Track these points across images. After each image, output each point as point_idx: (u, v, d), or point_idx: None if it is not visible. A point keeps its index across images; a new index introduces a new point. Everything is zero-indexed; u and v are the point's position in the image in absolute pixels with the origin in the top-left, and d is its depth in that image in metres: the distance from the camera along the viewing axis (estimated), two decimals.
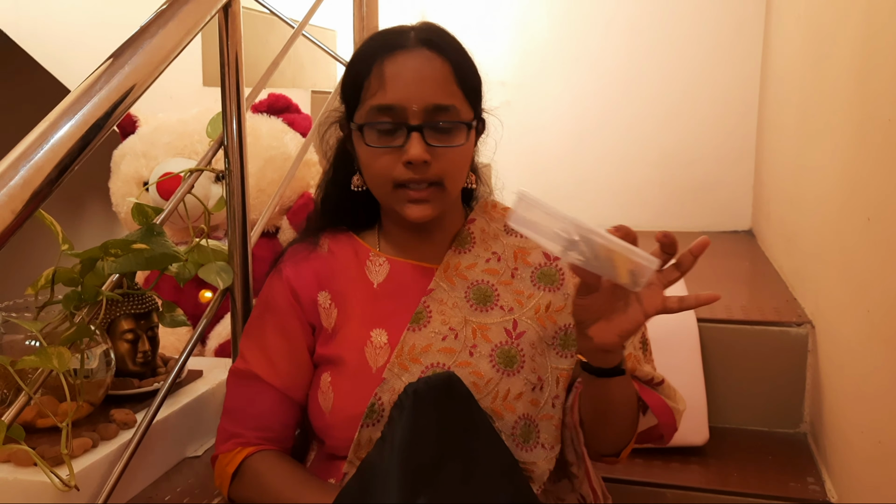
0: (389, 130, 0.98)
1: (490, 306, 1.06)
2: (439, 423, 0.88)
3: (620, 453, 1.07)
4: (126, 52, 0.95)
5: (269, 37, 2.45)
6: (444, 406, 0.89)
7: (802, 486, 1.42)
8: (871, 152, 1.27)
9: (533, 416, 1.01)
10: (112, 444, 1.06)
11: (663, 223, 3.12)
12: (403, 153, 0.97)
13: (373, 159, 1.00)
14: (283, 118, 2.05)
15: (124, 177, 1.98)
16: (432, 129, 0.98)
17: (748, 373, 1.67)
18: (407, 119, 0.97)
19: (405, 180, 0.99)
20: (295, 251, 1.12)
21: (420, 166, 0.97)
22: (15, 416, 0.95)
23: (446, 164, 1.00)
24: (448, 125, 0.99)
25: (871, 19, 1.33)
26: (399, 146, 0.98)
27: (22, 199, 0.80)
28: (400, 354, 1.02)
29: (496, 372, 1.01)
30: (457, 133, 1.00)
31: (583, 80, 3.21)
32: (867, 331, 1.25)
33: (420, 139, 0.97)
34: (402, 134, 0.98)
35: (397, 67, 0.98)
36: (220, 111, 1.22)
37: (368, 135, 0.99)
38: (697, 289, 1.88)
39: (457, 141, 1.00)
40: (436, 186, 1.00)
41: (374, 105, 0.98)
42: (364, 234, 1.13)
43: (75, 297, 1.05)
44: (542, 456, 1.01)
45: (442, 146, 0.99)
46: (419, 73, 0.98)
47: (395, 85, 0.97)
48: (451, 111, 0.99)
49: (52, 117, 0.87)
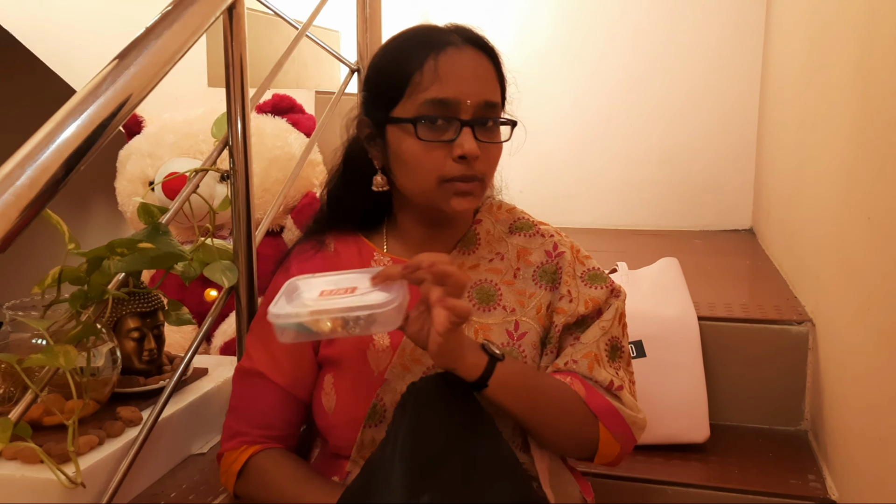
0: (440, 125, 0.99)
1: (492, 306, 1.06)
2: (442, 420, 0.88)
3: (594, 458, 1.04)
4: (131, 53, 0.96)
5: (274, 38, 2.46)
6: (446, 404, 0.90)
7: (803, 484, 1.43)
8: (871, 151, 1.28)
9: None
10: (118, 441, 1.07)
11: (665, 222, 3.13)
12: (455, 148, 0.98)
13: (423, 153, 1.00)
14: (287, 118, 2.06)
15: (130, 176, 1.99)
16: (481, 126, 1.00)
17: (749, 371, 1.68)
18: (459, 114, 0.99)
19: (455, 176, 0.99)
20: (301, 250, 1.13)
21: (472, 161, 0.99)
22: (22, 413, 0.96)
23: (490, 160, 1.03)
24: (495, 122, 1.02)
25: (871, 19, 1.33)
26: (450, 140, 0.99)
27: (29, 199, 0.81)
28: (402, 355, 1.03)
29: None
30: (499, 131, 1.03)
31: (585, 82, 3.22)
32: (868, 328, 1.26)
33: (472, 134, 0.99)
34: (454, 129, 0.99)
35: (451, 62, 0.99)
36: (224, 111, 1.23)
37: (422, 129, 0.99)
38: (700, 286, 1.90)
39: (499, 138, 1.03)
40: (479, 181, 1.02)
41: (429, 98, 0.98)
42: (370, 234, 1.14)
43: (81, 295, 1.06)
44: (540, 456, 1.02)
45: (488, 142, 1.01)
46: (473, 70, 1.00)
47: (451, 79, 0.98)
48: (497, 108, 1.03)
49: (59, 117, 0.87)
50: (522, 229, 1.14)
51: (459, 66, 0.99)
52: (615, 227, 3.20)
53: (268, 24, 2.39)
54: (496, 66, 1.04)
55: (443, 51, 0.99)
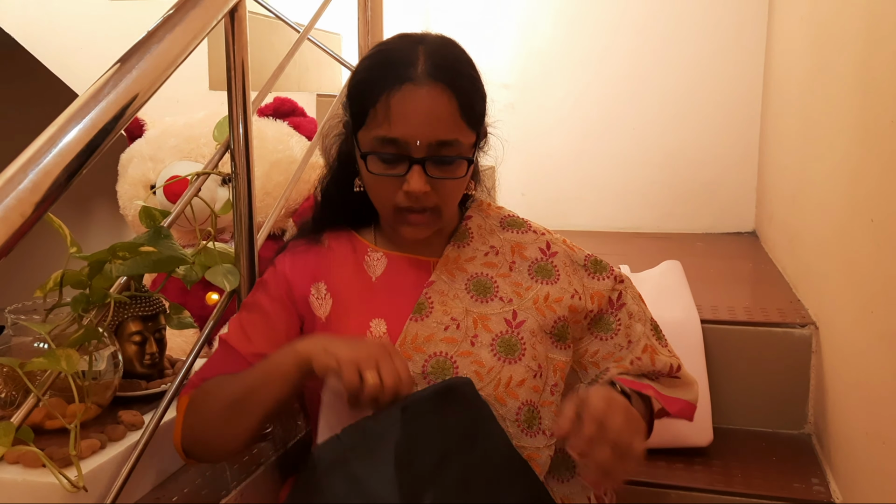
0: (392, 161, 1.00)
1: (490, 297, 1.09)
2: (439, 428, 0.90)
3: None
4: (133, 57, 0.95)
5: (275, 41, 2.45)
6: (441, 411, 0.91)
7: (807, 487, 1.43)
8: (874, 153, 1.27)
9: (535, 403, 1.04)
10: (120, 445, 1.07)
11: (667, 225, 3.13)
12: (405, 182, 1.00)
13: (375, 184, 1.04)
14: (288, 122, 2.06)
15: (131, 180, 1.98)
16: (434, 162, 1.00)
17: (752, 374, 1.68)
18: (410, 152, 0.99)
19: (404, 207, 1.02)
20: (296, 244, 1.17)
21: (419, 197, 1.00)
22: (24, 417, 0.96)
23: (445, 193, 1.03)
24: (449, 158, 1.01)
25: (874, 21, 1.33)
26: (400, 175, 1.00)
27: (31, 203, 0.81)
28: (403, 343, 1.04)
29: (497, 360, 1.03)
30: (457, 165, 1.02)
31: (586, 83, 3.22)
32: (871, 331, 1.25)
33: (421, 172, 0.99)
34: (405, 165, 1.00)
35: (404, 103, 0.98)
36: (226, 115, 1.23)
37: (371, 162, 1.01)
38: (703, 289, 1.90)
39: (457, 173, 1.02)
40: (432, 212, 1.04)
41: (378, 136, 1.00)
42: (362, 230, 1.17)
43: (83, 299, 1.05)
44: (544, 442, 1.04)
45: (442, 177, 1.01)
46: (426, 111, 0.98)
47: (400, 120, 0.98)
48: (454, 145, 1.00)
49: (61, 121, 0.87)
50: (514, 226, 1.18)
51: (411, 107, 0.97)
52: (617, 229, 3.19)
53: (269, 27, 2.39)
54: (462, 99, 1.00)
55: (398, 89, 0.97)
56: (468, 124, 1.01)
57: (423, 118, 0.98)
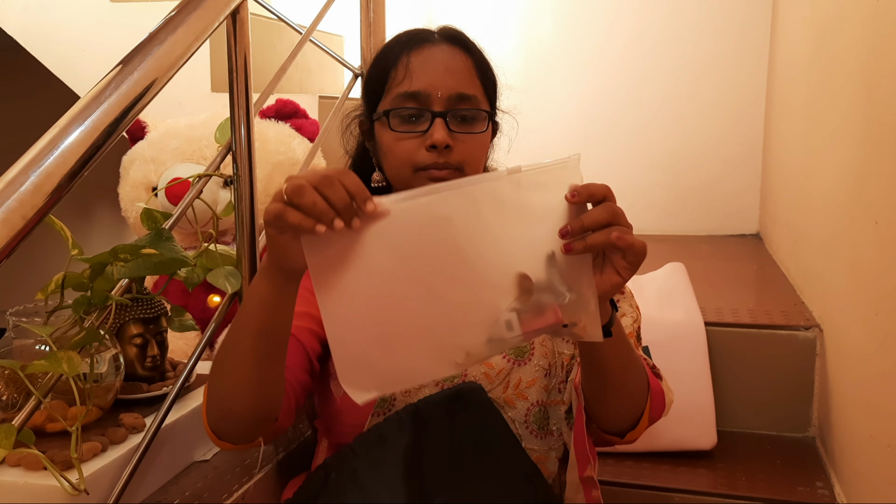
0: (414, 116, 1.02)
1: None
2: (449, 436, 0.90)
3: (626, 434, 1.02)
4: (135, 59, 0.95)
5: (277, 42, 2.46)
6: (450, 417, 0.91)
7: (811, 491, 1.42)
8: (878, 155, 1.27)
9: (545, 403, 1.03)
10: (121, 447, 1.06)
11: (670, 226, 3.12)
12: (427, 138, 1.01)
13: (396, 143, 1.03)
14: (290, 123, 2.06)
15: (133, 182, 1.99)
16: (455, 117, 1.02)
17: (756, 377, 1.67)
18: (431, 105, 1.01)
19: (427, 164, 1.01)
20: None
21: (442, 150, 1.01)
22: (25, 420, 0.96)
23: (467, 150, 1.03)
24: (470, 113, 1.03)
25: (877, 22, 1.33)
26: (423, 131, 1.01)
27: (32, 205, 0.81)
28: None
29: (507, 363, 1.04)
30: (478, 121, 1.04)
31: (588, 83, 3.21)
32: (875, 334, 1.25)
33: (443, 124, 1.01)
34: (426, 120, 1.01)
35: (423, 58, 1.03)
36: (228, 116, 1.23)
37: (393, 120, 1.03)
38: (707, 291, 1.89)
39: (477, 128, 1.04)
40: (456, 171, 1.03)
41: (400, 92, 1.02)
42: None
43: (85, 301, 1.05)
44: (552, 444, 1.04)
45: (463, 132, 1.02)
46: (444, 64, 1.03)
47: (421, 73, 1.02)
48: (473, 101, 1.03)
49: (62, 123, 0.87)
50: None
51: (431, 61, 1.03)
52: None
53: (271, 28, 2.39)
54: (477, 61, 1.06)
55: (417, 48, 1.04)
56: (484, 89, 1.06)
57: (442, 70, 1.02)
